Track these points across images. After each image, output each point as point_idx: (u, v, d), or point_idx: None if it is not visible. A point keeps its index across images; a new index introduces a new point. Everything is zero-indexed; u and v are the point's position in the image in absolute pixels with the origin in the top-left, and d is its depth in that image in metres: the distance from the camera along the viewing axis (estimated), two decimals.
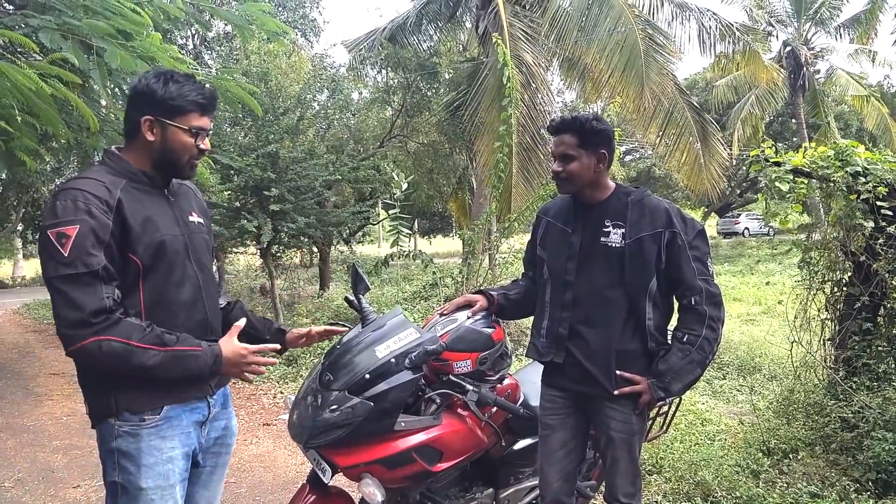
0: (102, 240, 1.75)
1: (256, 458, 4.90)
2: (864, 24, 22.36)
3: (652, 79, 9.87)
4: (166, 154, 1.92)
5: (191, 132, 1.91)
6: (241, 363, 1.92)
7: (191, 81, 1.93)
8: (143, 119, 1.89)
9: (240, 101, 4.33)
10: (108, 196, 1.79)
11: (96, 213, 1.75)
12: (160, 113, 1.88)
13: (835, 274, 4.31)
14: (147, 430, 1.87)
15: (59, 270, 1.71)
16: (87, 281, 1.71)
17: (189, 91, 1.90)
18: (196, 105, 1.91)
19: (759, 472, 3.81)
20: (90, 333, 1.70)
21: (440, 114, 13.09)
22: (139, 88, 1.91)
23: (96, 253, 1.73)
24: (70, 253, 1.71)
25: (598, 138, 2.39)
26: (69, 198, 1.76)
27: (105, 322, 1.71)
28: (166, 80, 1.89)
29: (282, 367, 7.42)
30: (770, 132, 26.97)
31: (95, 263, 1.72)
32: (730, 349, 7.67)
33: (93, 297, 1.71)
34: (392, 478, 2.31)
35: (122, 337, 1.73)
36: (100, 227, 1.75)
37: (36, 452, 5.11)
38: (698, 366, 2.35)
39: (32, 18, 3.45)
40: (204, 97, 1.93)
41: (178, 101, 1.88)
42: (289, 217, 8.63)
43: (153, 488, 1.87)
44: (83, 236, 1.72)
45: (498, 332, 2.61)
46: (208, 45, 16.90)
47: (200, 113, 1.93)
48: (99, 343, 1.70)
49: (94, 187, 1.80)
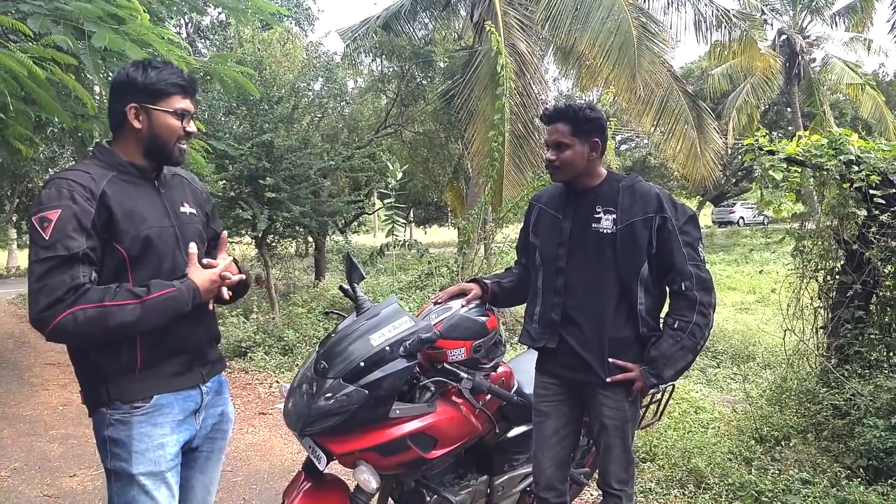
0: (84, 225, 1.77)
1: (252, 446, 4.92)
2: (860, 12, 22.34)
3: (644, 67, 9.84)
4: (154, 139, 1.94)
5: (176, 114, 1.94)
6: (215, 284, 1.96)
7: (169, 66, 1.97)
8: (128, 107, 1.91)
9: (235, 84, 4.32)
10: (93, 185, 1.82)
11: (79, 199, 1.78)
12: (144, 99, 1.91)
13: (828, 262, 4.33)
14: (138, 418, 1.89)
15: (40, 254, 1.73)
16: (64, 265, 1.73)
17: (169, 75, 1.94)
18: (177, 87, 1.94)
19: (752, 459, 3.85)
20: (63, 308, 1.71)
21: (435, 103, 13.05)
22: (119, 79, 1.94)
23: (77, 237, 1.75)
24: (51, 236, 1.73)
25: (591, 126, 2.40)
26: (54, 186, 1.80)
27: (75, 294, 1.72)
28: (145, 67, 1.93)
29: (277, 357, 7.44)
30: (765, 121, 26.97)
31: (76, 247, 1.74)
32: (724, 338, 7.71)
33: (68, 279, 1.72)
34: (387, 465, 2.33)
35: (94, 302, 1.73)
36: (82, 213, 1.77)
37: (32, 442, 5.12)
38: (690, 352, 2.36)
39: (23, 4, 3.44)
40: (184, 79, 1.97)
41: (160, 85, 1.92)
42: (284, 206, 8.61)
43: (144, 474, 1.90)
44: (65, 220, 1.74)
45: (492, 321, 2.63)
46: (202, 34, 16.80)
47: (182, 95, 1.96)
48: (73, 315, 1.71)
49: (78, 177, 1.83)
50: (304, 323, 8.34)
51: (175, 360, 1.97)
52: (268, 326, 8.27)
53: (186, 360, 2.00)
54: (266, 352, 7.61)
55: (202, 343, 2.07)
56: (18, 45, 3.56)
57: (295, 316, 8.62)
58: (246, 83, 4.34)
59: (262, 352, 7.59)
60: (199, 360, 2.05)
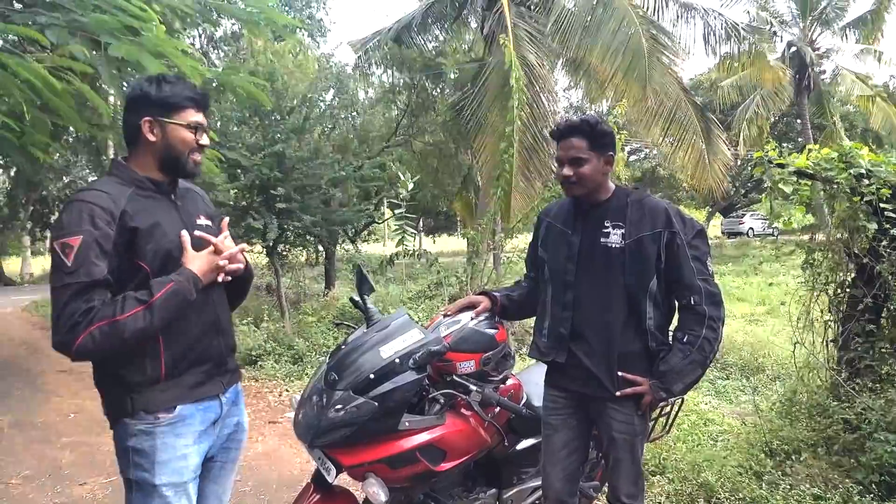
0: (106, 250, 1.81)
1: (262, 455, 4.93)
2: (871, 24, 22.23)
3: (655, 79, 9.86)
4: (168, 151, 1.98)
5: (189, 127, 1.98)
6: (212, 267, 1.97)
7: (182, 81, 2.02)
8: (142, 121, 1.95)
9: (248, 94, 4.37)
10: (113, 206, 1.85)
11: (100, 223, 1.81)
12: (158, 112, 1.95)
13: (838, 275, 4.31)
14: (161, 429, 1.92)
15: (63, 280, 1.77)
16: (84, 292, 1.77)
17: (182, 89, 1.98)
18: (191, 101, 1.99)
19: (763, 473, 3.82)
20: (81, 330, 1.75)
21: (446, 114, 13.09)
22: (134, 94, 1.98)
23: (99, 263, 1.79)
24: (73, 262, 1.77)
25: (608, 140, 2.40)
26: (74, 210, 1.83)
27: (88, 316, 1.76)
28: (159, 81, 1.97)
29: (287, 366, 7.46)
30: (775, 132, 26.88)
31: (98, 273, 1.78)
32: (733, 349, 7.67)
33: (83, 304, 1.77)
34: (396, 477, 2.34)
35: (107, 318, 1.77)
36: (103, 238, 1.81)
37: (44, 449, 5.15)
38: (699, 366, 2.36)
39: (41, 16, 3.50)
40: (197, 93, 2.01)
41: (174, 99, 1.96)
42: (295, 216, 8.67)
43: (167, 485, 1.92)
44: (86, 247, 1.78)
45: (501, 333, 2.64)
46: (215, 45, 16.96)
47: (196, 108, 2.00)
48: (91, 334, 1.75)
49: (98, 198, 1.85)
50: (314, 332, 8.37)
51: (197, 370, 2.00)
52: (278, 335, 8.31)
53: (208, 370, 2.04)
54: (276, 360, 7.64)
55: (222, 352, 2.10)
56: (35, 55, 3.62)
57: (305, 325, 8.66)
58: (258, 94, 4.39)
59: (273, 360, 7.62)
60: (219, 369, 2.08)
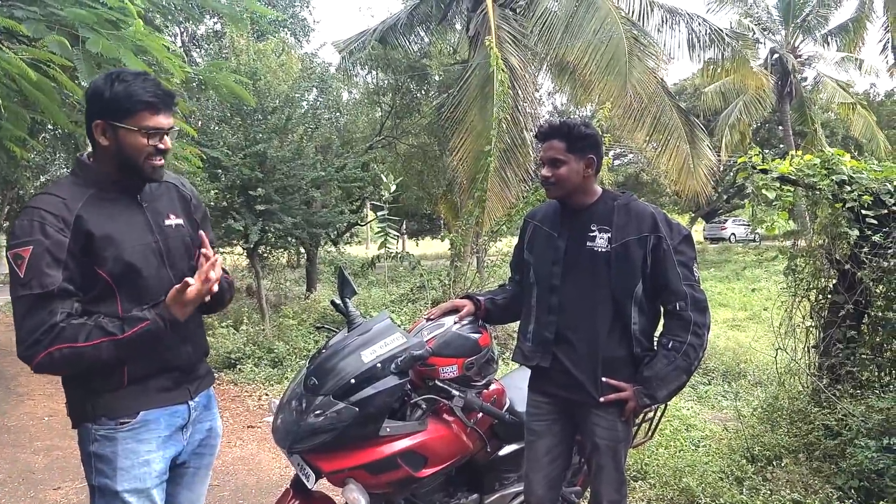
0: (59, 258, 1.74)
1: (240, 460, 4.87)
2: (852, 32, 22.56)
3: (635, 77, 9.92)
4: (122, 157, 1.85)
5: (141, 132, 1.83)
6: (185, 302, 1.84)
7: (140, 79, 1.84)
8: (94, 124, 1.84)
9: (230, 92, 4.31)
10: (66, 212, 1.77)
11: (50, 231, 1.74)
12: (109, 115, 1.82)
13: (820, 281, 4.33)
14: (123, 434, 1.86)
15: (17, 291, 1.73)
16: (41, 302, 1.72)
17: (137, 90, 1.81)
18: (145, 104, 1.82)
19: (743, 478, 3.82)
20: (41, 349, 1.71)
21: (430, 116, 13.08)
22: (89, 92, 1.85)
23: (52, 273, 1.73)
24: (26, 274, 1.71)
25: (586, 143, 2.39)
26: (27, 217, 1.76)
27: (51, 335, 1.71)
28: (113, 80, 1.82)
29: (267, 369, 7.38)
30: (757, 139, 27.15)
31: (50, 283, 1.72)
32: (715, 355, 7.70)
33: (45, 316, 1.71)
34: (376, 483, 2.30)
35: (69, 342, 1.72)
36: (55, 246, 1.74)
37: (16, 453, 5.04)
38: (683, 372, 2.34)
39: (18, 10, 3.43)
40: (155, 95, 1.83)
41: (125, 103, 1.81)
42: (276, 217, 8.59)
43: (129, 491, 1.87)
44: (37, 257, 1.72)
45: (484, 338, 2.61)
46: (197, 43, 16.80)
47: (152, 111, 1.83)
48: (50, 355, 1.71)
49: (50, 204, 1.77)
50: (294, 335, 8.28)
51: (162, 377, 1.94)
52: (258, 338, 8.21)
53: (174, 377, 1.97)
54: (255, 364, 7.54)
55: (191, 359, 2.03)
56: (13, 48, 3.55)
57: (285, 328, 8.56)
58: (241, 92, 4.33)
59: (252, 364, 7.52)
60: (187, 376, 2.02)
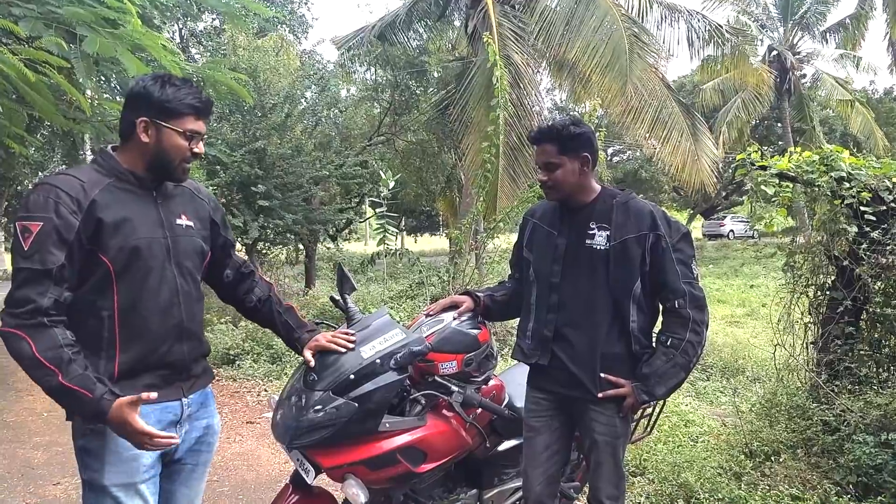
0: (65, 239, 1.76)
1: (239, 456, 4.87)
2: (851, 29, 22.57)
3: (636, 74, 9.93)
4: (160, 156, 1.91)
5: (185, 135, 1.91)
6: (132, 433, 1.74)
7: (187, 85, 1.94)
8: (138, 120, 1.89)
9: (230, 91, 4.32)
10: (82, 195, 1.80)
11: (63, 211, 1.76)
12: (156, 115, 1.88)
13: (818, 278, 4.34)
14: None
15: (18, 262, 1.75)
16: (38, 278, 1.73)
17: (185, 94, 1.90)
18: (192, 108, 1.91)
19: (742, 474, 3.83)
20: (12, 323, 1.72)
21: (429, 112, 13.07)
22: (136, 90, 1.91)
23: (56, 252, 1.74)
24: (30, 248, 1.73)
25: (578, 142, 2.39)
26: (42, 192, 1.78)
27: (30, 319, 1.71)
28: (163, 82, 1.90)
29: (266, 365, 7.38)
30: (756, 135, 27.15)
31: (51, 262, 1.73)
32: (714, 351, 7.72)
33: (34, 294, 1.72)
34: (376, 479, 2.31)
35: (34, 343, 1.71)
36: (64, 227, 1.75)
37: (15, 449, 5.05)
38: (682, 369, 2.35)
39: (15, 7, 3.42)
40: (200, 101, 1.93)
41: (174, 104, 1.89)
42: (275, 214, 8.60)
43: (117, 485, 1.87)
44: (45, 234, 1.74)
45: (484, 334, 2.61)
46: (196, 40, 16.77)
47: (196, 116, 1.93)
48: (11, 335, 1.71)
49: (68, 184, 1.80)
50: None
51: (155, 374, 1.93)
52: (256, 334, 8.19)
53: (167, 375, 1.96)
54: (254, 360, 7.54)
55: (185, 358, 2.01)
56: (10, 47, 3.55)
57: None
58: (240, 89, 4.34)
59: (251, 360, 7.53)
60: (180, 375, 2.01)
